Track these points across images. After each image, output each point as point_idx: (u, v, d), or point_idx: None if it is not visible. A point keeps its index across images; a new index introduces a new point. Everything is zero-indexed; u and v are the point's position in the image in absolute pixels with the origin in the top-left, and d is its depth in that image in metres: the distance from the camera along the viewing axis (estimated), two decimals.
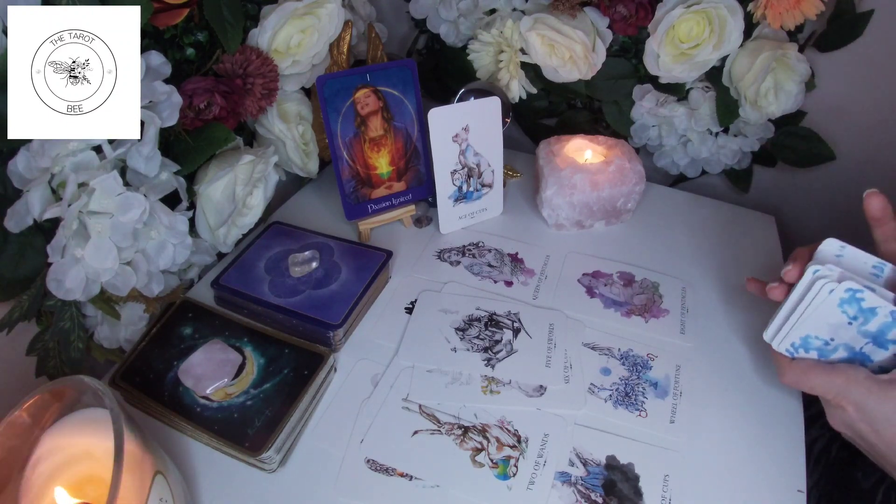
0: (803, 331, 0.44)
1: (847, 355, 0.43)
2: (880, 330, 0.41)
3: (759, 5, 0.62)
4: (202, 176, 0.57)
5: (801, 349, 0.45)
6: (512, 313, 0.58)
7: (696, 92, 0.71)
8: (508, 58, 0.71)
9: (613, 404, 0.50)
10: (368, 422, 0.48)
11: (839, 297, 0.41)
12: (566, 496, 0.44)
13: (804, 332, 0.44)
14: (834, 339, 0.43)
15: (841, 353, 0.44)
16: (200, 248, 0.59)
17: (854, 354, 0.43)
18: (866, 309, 0.41)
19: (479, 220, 0.70)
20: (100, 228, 0.46)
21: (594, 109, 0.80)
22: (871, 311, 0.41)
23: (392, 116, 0.63)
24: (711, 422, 0.49)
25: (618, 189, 0.65)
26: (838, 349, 0.43)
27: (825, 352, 0.44)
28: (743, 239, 0.68)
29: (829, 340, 0.43)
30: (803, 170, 0.75)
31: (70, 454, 0.37)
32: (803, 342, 0.44)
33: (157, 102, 0.48)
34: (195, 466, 0.46)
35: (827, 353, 0.44)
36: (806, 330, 0.44)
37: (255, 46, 0.58)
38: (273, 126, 0.64)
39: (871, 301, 0.40)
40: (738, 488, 0.44)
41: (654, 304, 0.59)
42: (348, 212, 0.65)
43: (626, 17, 0.66)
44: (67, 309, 0.51)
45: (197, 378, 0.47)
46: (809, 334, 0.44)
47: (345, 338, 0.55)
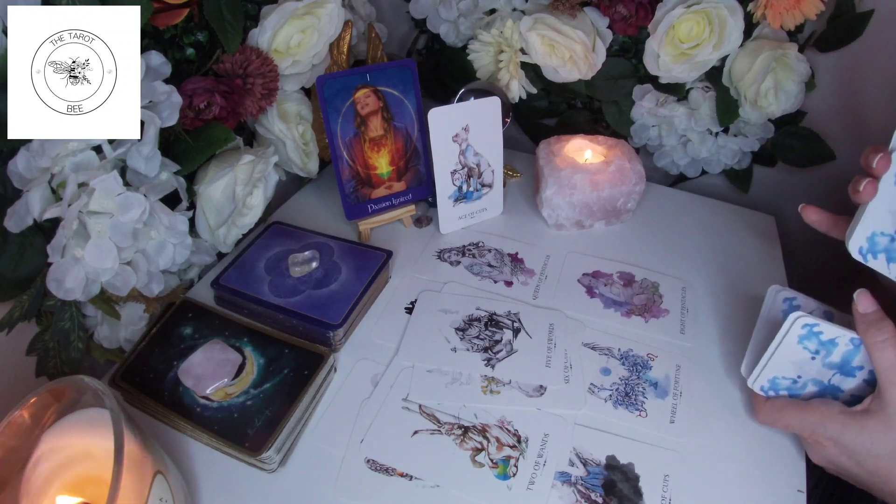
0: (770, 373, 0.44)
1: (817, 390, 0.43)
2: (844, 359, 0.41)
3: (759, 5, 0.62)
4: (202, 176, 0.57)
5: (770, 391, 0.45)
6: (512, 313, 0.58)
7: (696, 92, 0.71)
8: (508, 58, 0.71)
9: (613, 404, 0.50)
10: (368, 422, 0.48)
11: (797, 333, 0.41)
12: (566, 496, 0.44)
13: (771, 374, 0.44)
14: (801, 375, 0.43)
15: (811, 388, 0.43)
16: (200, 248, 0.59)
17: (824, 388, 0.43)
18: (826, 341, 0.41)
19: (479, 220, 0.70)
20: (100, 228, 0.46)
21: (594, 109, 0.80)
22: (832, 343, 0.41)
23: (392, 116, 0.63)
24: (711, 421, 0.49)
25: (618, 189, 0.65)
26: (807, 385, 0.43)
27: (795, 389, 0.44)
28: (743, 239, 0.68)
29: (796, 378, 0.43)
30: (803, 170, 0.75)
31: (70, 454, 0.37)
32: (772, 384, 0.44)
33: (157, 102, 0.48)
34: (195, 466, 0.46)
35: (797, 391, 0.44)
36: (773, 371, 0.44)
37: (255, 46, 0.58)
38: (273, 126, 0.64)
39: (828, 332, 0.40)
40: (738, 488, 0.44)
41: (654, 304, 0.59)
42: (348, 212, 0.65)
43: (626, 17, 0.66)
44: (67, 309, 0.51)
45: (197, 378, 0.47)
46: (776, 375, 0.44)
47: (345, 338, 0.55)
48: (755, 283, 0.62)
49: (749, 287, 0.61)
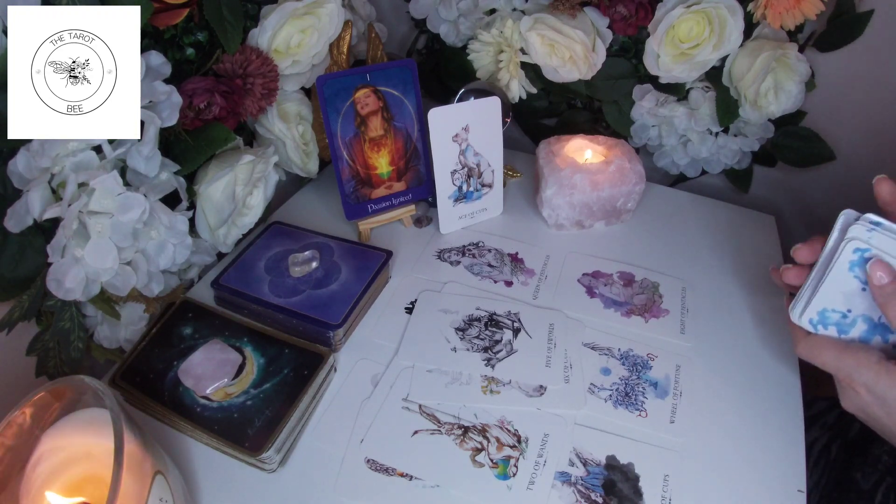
0: (820, 304, 0.42)
1: (867, 328, 0.42)
2: None
3: (759, 5, 0.62)
4: (202, 176, 0.57)
5: (819, 325, 0.42)
6: (512, 313, 0.58)
7: (696, 92, 0.71)
8: (508, 58, 0.71)
9: (613, 404, 0.50)
10: (368, 422, 0.48)
11: (848, 259, 0.39)
12: (566, 496, 0.44)
13: (821, 306, 0.42)
14: (851, 310, 0.41)
15: (860, 325, 0.42)
16: (200, 248, 0.59)
17: (873, 326, 0.41)
18: None
19: (479, 220, 0.70)
20: (100, 228, 0.46)
21: (594, 109, 0.80)
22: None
23: (392, 116, 0.63)
24: (711, 422, 0.49)
25: (618, 189, 0.65)
26: (856, 322, 0.42)
27: (844, 326, 0.42)
28: (743, 239, 0.68)
29: (846, 313, 0.41)
30: (803, 170, 0.75)
31: (70, 454, 0.37)
32: (821, 317, 0.42)
33: (157, 102, 0.48)
34: (195, 466, 0.46)
35: (846, 328, 0.42)
36: (822, 303, 0.42)
37: (255, 46, 0.58)
38: (273, 126, 0.64)
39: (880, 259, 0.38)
40: (738, 488, 0.44)
41: (654, 304, 0.59)
42: (348, 212, 0.65)
43: (626, 17, 0.66)
44: (67, 309, 0.51)
45: (197, 378, 0.47)
46: (826, 307, 0.42)
47: (345, 338, 0.55)
48: (755, 283, 0.62)
49: (749, 287, 0.62)
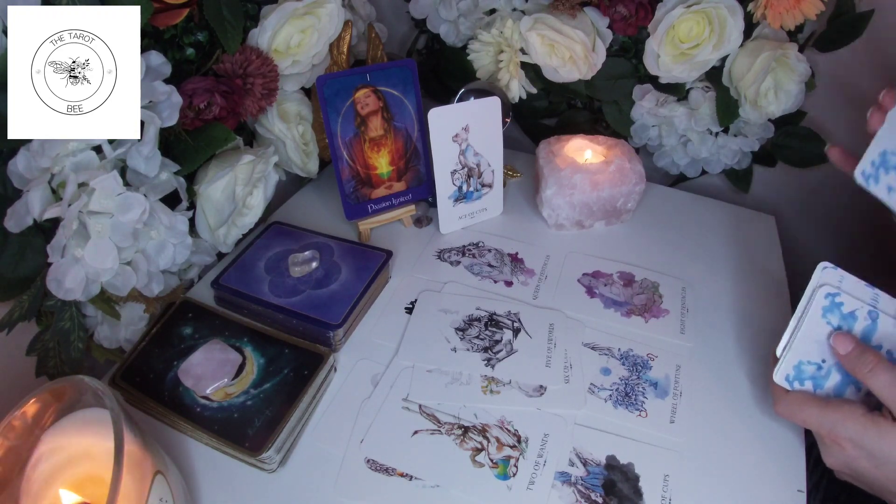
0: (796, 357, 0.43)
1: (840, 378, 0.42)
2: (864, 337, 0.40)
3: (759, 5, 0.62)
4: (202, 176, 0.57)
5: (795, 381, 0.44)
6: (512, 313, 0.58)
7: (696, 92, 0.71)
8: (508, 58, 0.71)
9: (613, 404, 0.50)
10: (368, 422, 0.48)
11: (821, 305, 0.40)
12: (566, 496, 0.44)
13: (796, 359, 0.43)
14: (825, 360, 0.42)
15: (834, 376, 0.43)
16: (200, 248, 0.59)
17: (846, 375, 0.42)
18: (847, 314, 0.40)
19: (479, 220, 0.70)
20: (100, 228, 0.46)
21: (594, 109, 0.80)
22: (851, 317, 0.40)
23: (392, 116, 0.63)
24: (711, 422, 0.49)
25: (618, 189, 0.65)
26: (831, 372, 0.42)
27: (819, 379, 0.43)
28: (743, 239, 0.68)
29: (820, 364, 0.42)
30: (803, 170, 0.75)
31: (70, 454, 0.37)
32: (797, 372, 0.43)
33: (157, 102, 0.48)
34: (195, 466, 0.46)
35: (821, 381, 0.43)
36: (798, 355, 0.43)
37: (255, 46, 0.58)
38: (273, 126, 0.64)
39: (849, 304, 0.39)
40: (738, 488, 0.44)
41: (654, 304, 0.59)
42: (348, 212, 0.65)
43: (626, 17, 0.66)
44: (67, 309, 0.51)
45: (197, 378, 0.47)
46: (801, 360, 0.43)
47: (345, 338, 0.55)
48: (755, 283, 0.62)
49: (749, 287, 0.62)
